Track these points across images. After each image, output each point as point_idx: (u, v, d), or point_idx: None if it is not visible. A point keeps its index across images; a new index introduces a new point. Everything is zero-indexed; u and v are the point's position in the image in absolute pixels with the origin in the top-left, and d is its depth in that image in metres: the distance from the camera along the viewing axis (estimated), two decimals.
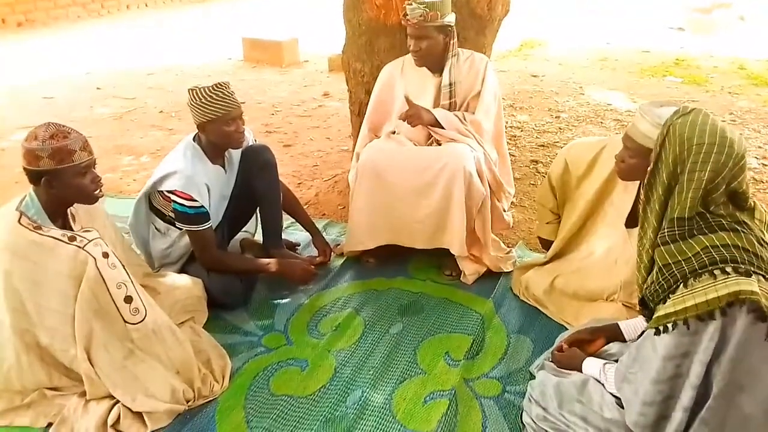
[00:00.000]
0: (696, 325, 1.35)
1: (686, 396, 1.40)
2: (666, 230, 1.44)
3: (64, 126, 1.76)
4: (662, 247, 1.45)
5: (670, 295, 1.42)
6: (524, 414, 1.78)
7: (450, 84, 2.53)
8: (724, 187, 1.40)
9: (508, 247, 2.75)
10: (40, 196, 1.78)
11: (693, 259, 1.38)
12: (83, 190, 1.79)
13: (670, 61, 6.40)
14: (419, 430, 1.78)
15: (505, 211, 2.66)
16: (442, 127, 2.49)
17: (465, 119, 2.53)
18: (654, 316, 1.45)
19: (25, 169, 1.75)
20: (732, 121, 4.54)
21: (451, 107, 2.55)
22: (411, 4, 2.38)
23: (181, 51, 7.31)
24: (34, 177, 1.74)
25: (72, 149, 1.73)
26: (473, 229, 2.45)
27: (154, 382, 1.81)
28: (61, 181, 1.74)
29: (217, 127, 2.14)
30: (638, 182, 1.94)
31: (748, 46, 7.03)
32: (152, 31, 8.65)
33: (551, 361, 1.89)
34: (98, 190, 1.84)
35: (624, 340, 1.85)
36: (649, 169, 1.50)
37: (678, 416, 1.41)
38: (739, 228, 1.40)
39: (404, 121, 2.48)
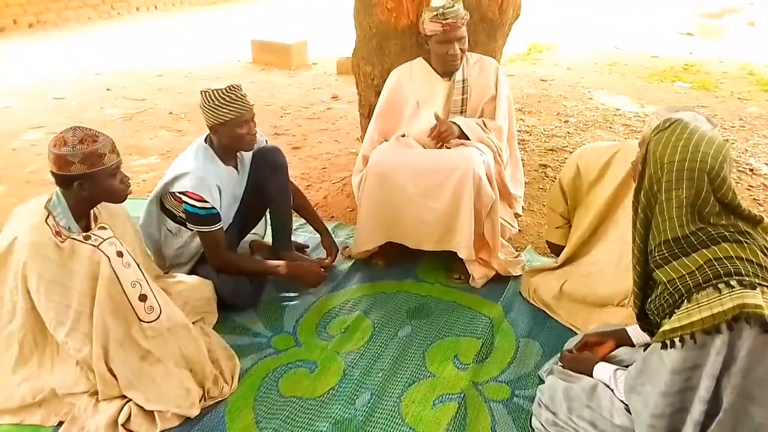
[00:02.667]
0: (703, 338, 1.35)
1: (696, 410, 1.39)
2: (665, 251, 1.44)
3: (90, 129, 1.79)
4: (665, 267, 1.45)
5: (675, 310, 1.42)
6: (533, 418, 1.78)
7: (463, 80, 2.55)
8: (712, 199, 1.40)
9: (517, 251, 2.74)
10: (69, 198, 1.81)
11: (697, 272, 1.38)
12: (114, 190, 1.83)
13: (679, 66, 6.39)
14: None
15: (518, 215, 2.65)
16: (467, 138, 2.49)
17: (486, 126, 2.54)
18: (660, 331, 1.44)
19: (55, 174, 1.77)
20: (741, 127, 4.53)
21: (463, 103, 2.56)
22: (451, 6, 2.39)
23: (191, 53, 7.36)
24: (66, 181, 1.76)
25: (102, 153, 1.76)
26: (482, 233, 2.45)
27: (169, 384, 1.82)
28: (93, 184, 1.77)
29: (229, 130, 2.15)
30: None
31: (757, 51, 7.01)
32: (162, 32, 8.70)
33: (560, 365, 1.89)
34: (127, 190, 1.88)
35: (633, 345, 1.84)
36: (635, 186, 1.50)
37: (689, 430, 1.40)
38: (742, 239, 1.39)
39: (434, 139, 2.48)
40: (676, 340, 1.38)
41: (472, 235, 2.38)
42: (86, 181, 1.76)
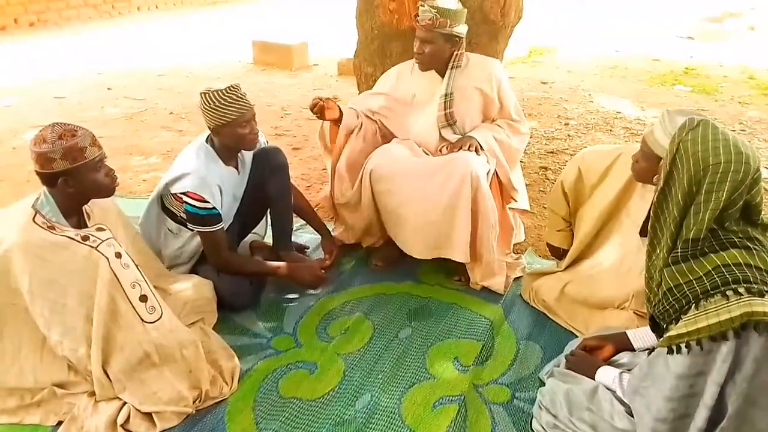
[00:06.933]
0: (709, 345, 1.34)
1: (700, 417, 1.38)
2: (679, 251, 1.42)
3: (69, 124, 1.77)
4: (673, 267, 1.43)
5: (682, 316, 1.41)
6: (534, 421, 1.78)
7: (446, 95, 2.50)
8: (741, 203, 1.38)
9: (517, 253, 2.74)
10: (56, 196, 1.79)
11: (704, 278, 1.37)
12: (100, 184, 1.82)
13: (680, 69, 6.40)
14: None
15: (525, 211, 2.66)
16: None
17: (510, 137, 2.58)
18: (666, 336, 1.43)
19: (38, 173, 1.75)
20: (742, 131, 4.53)
21: (447, 119, 2.53)
22: (424, 6, 2.37)
23: (192, 53, 7.36)
24: (50, 179, 1.75)
25: (83, 146, 1.74)
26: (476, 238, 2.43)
27: (162, 387, 1.81)
28: (78, 179, 1.75)
29: (231, 130, 2.15)
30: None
31: (758, 55, 7.02)
32: (162, 32, 8.70)
33: (563, 367, 1.88)
34: (114, 183, 1.86)
35: (633, 349, 1.84)
36: (658, 187, 1.48)
37: None
38: (750, 245, 1.38)
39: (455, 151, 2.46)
40: (682, 345, 1.37)
41: (468, 237, 2.37)
42: (70, 176, 1.74)
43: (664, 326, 1.48)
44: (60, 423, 1.78)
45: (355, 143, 2.61)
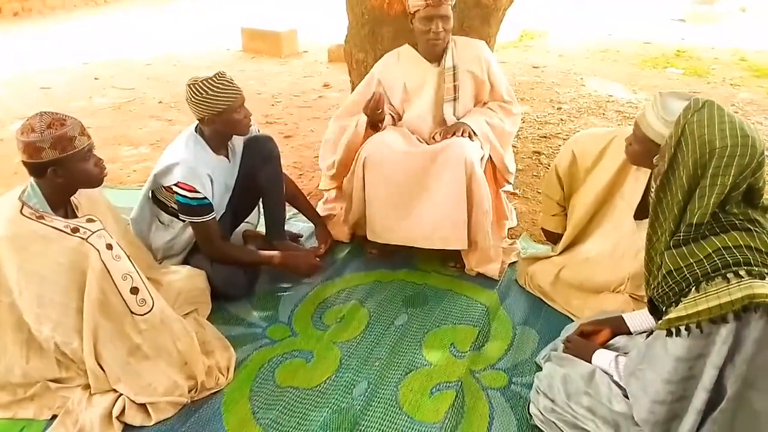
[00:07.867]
0: (709, 328, 1.33)
1: (699, 399, 1.38)
2: (682, 234, 1.41)
3: (57, 113, 1.73)
4: (674, 250, 1.42)
5: (682, 299, 1.40)
6: (531, 405, 1.77)
7: (453, 67, 2.50)
8: (744, 186, 1.37)
9: (512, 238, 2.73)
10: (43, 186, 1.76)
11: (705, 261, 1.35)
12: (89, 174, 1.79)
13: (672, 52, 6.39)
14: (426, 422, 1.78)
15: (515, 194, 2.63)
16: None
17: (503, 120, 2.54)
18: (665, 318, 1.42)
19: (26, 163, 1.71)
20: (734, 112, 4.53)
21: (455, 90, 2.53)
22: None
23: (180, 41, 7.27)
24: (38, 169, 1.71)
25: (72, 135, 1.71)
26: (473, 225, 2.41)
27: (157, 378, 1.80)
28: (67, 169, 1.72)
29: (227, 117, 2.11)
30: (649, 174, 1.93)
31: (749, 37, 7.02)
32: (149, 20, 8.59)
33: (560, 351, 1.88)
34: (103, 172, 1.83)
35: (629, 333, 1.84)
36: (662, 169, 1.46)
37: (690, 418, 1.39)
38: (751, 227, 1.37)
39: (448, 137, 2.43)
40: (682, 328, 1.36)
41: (465, 223, 2.36)
42: (59, 166, 1.71)
43: (663, 309, 1.47)
44: (54, 417, 1.76)
45: None
